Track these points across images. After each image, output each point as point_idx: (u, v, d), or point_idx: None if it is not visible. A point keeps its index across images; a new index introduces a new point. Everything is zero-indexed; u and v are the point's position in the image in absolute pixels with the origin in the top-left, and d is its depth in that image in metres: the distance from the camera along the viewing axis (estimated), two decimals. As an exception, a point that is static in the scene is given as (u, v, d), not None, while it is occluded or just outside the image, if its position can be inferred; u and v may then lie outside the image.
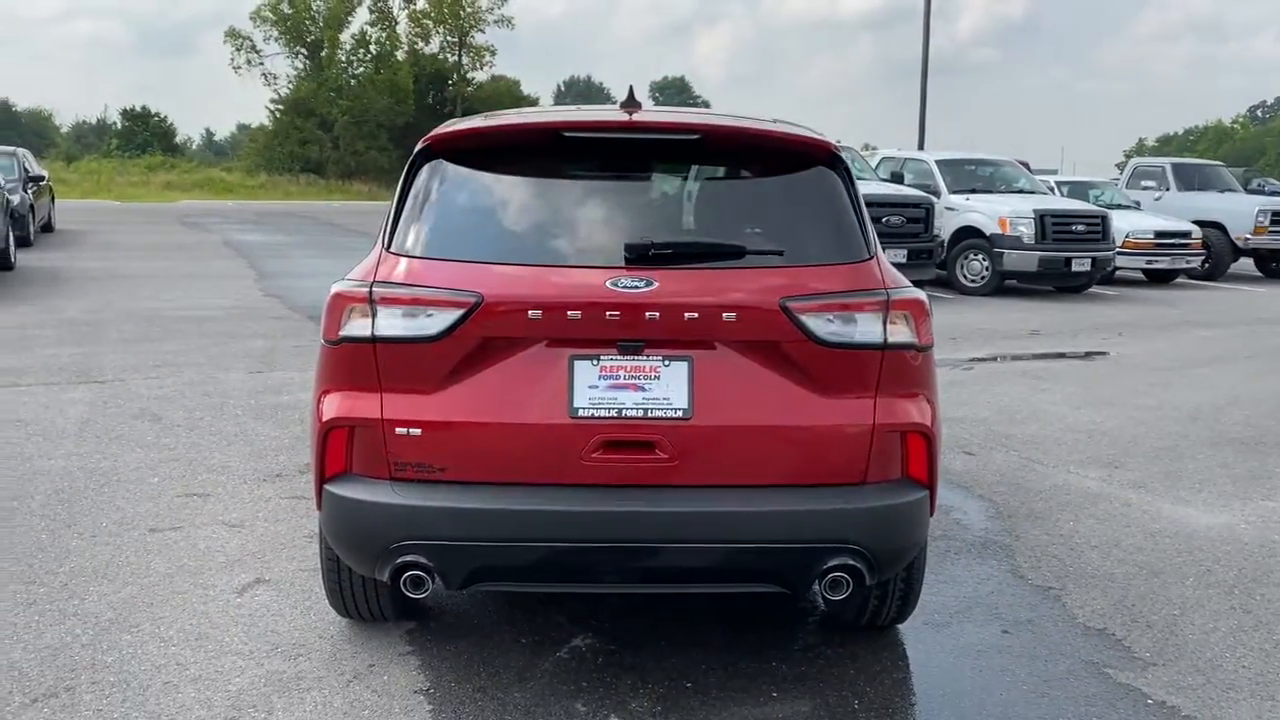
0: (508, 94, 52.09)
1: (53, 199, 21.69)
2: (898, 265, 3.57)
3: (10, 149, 19.44)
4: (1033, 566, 4.42)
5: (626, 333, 2.90)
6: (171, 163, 48.94)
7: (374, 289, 2.96)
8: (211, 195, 39.11)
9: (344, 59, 48.37)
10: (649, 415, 2.92)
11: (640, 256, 2.94)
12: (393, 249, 3.07)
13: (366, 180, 44.22)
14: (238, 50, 48.53)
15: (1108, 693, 3.37)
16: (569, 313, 2.88)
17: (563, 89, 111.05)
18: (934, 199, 14.57)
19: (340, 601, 3.54)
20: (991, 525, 4.94)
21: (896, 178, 15.99)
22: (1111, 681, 3.44)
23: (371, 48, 49.67)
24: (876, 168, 17.07)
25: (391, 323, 2.93)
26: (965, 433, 6.67)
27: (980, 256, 15.04)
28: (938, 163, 16.38)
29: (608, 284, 2.89)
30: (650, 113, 3.42)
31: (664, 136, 3.25)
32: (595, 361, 2.92)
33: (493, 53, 51.28)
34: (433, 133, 3.29)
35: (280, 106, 48.37)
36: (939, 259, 14.66)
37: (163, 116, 60.87)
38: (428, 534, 2.91)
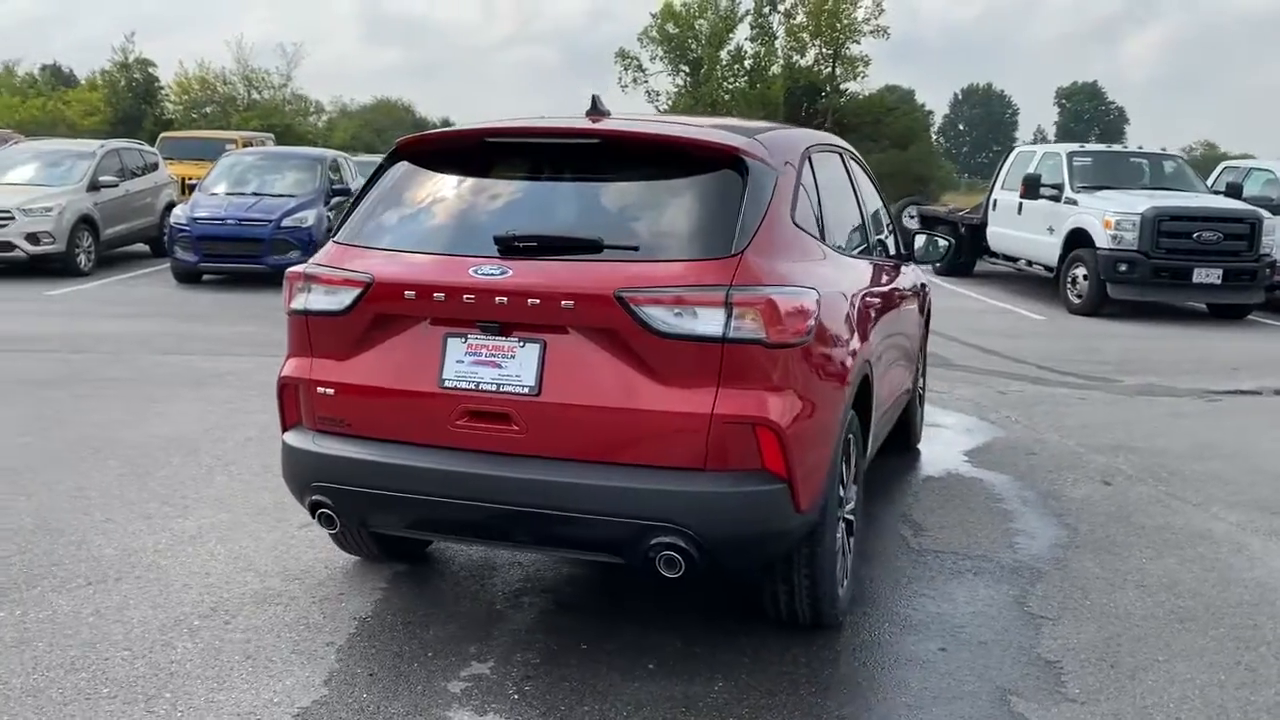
0: (879, 104, 51.62)
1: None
2: (1208, 286, 3.27)
3: (319, 154, 15.69)
4: (1044, 596, 4.17)
5: (482, 314, 3.25)
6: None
7: (308, 269, 3.53)
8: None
9: (720, 74, 50.24)
10: (501, 390, 3.25)
11: (507, 247, 3.28)
12: (335, 237, 3.62)
13: (731, 190, 45.75)
14: (625, 70, 51.92)
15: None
16: (435, 294, 3.28)
17: (959, 97, 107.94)
18: (1262, 214, 12.99)
19: (339, 540, 4.15)
20: (1045, 552, 4.67)
21: (1233, 189, 14.42)
22: (1010, 712, 3.29)
23: (746, 63, 51.19)
24: (1216, 178, 15.47)
25: (317, 298, 3.48)
26: (1125, 462, 6.18)
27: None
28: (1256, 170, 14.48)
29: (469, 271, 3.26)
30: (573, 119, 3.74)
31: (568, 141, 3.56)
32: (464, 339, 3.30)
33: (866, 63, 50.97)
34: (402, 138, 3.81)
35: (659, 121, 51.23)
36: (1268, 281, 13.05)
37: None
38: (328, 478, 3.44)
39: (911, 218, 19.69)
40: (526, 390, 3.23)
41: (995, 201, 15.81)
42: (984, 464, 6.14)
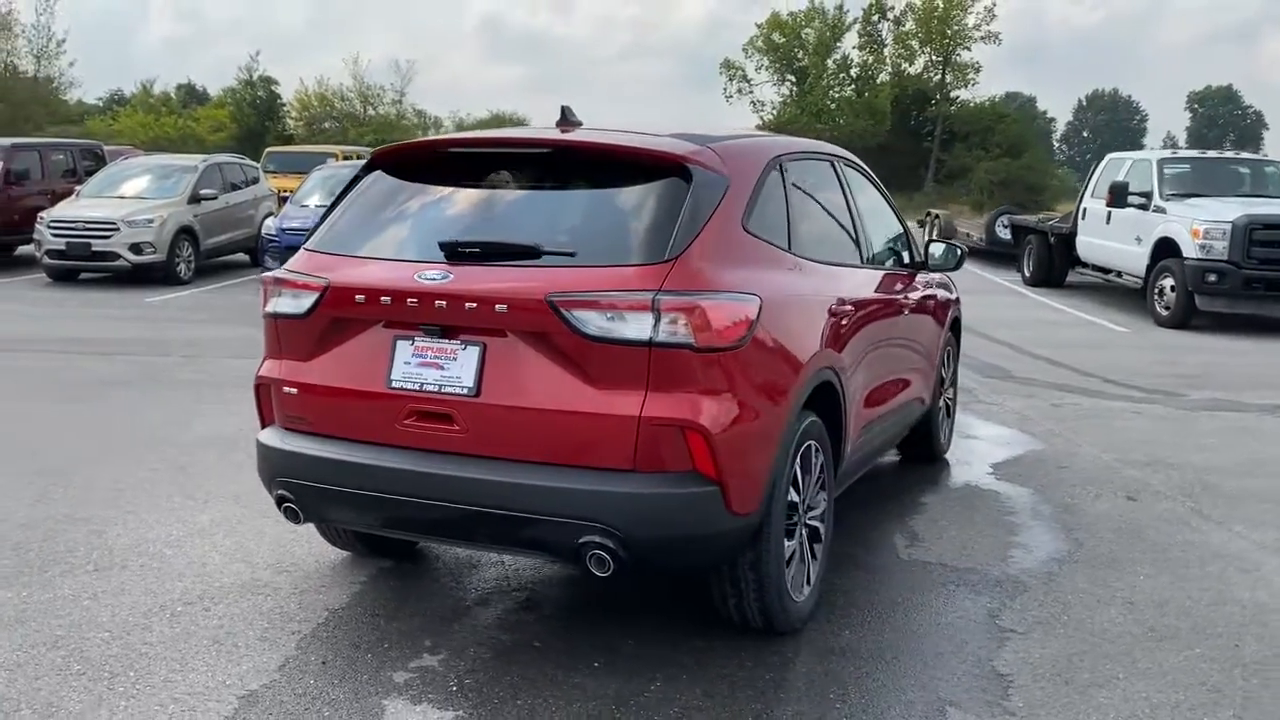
0: (990, 112, 50.53)
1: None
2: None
3: None
4: (1020, 610, 4.10)
5: (425, 318, 3.38)
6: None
7: (277, 274, 3.72)
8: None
9: (826, 83, 49.92)
10: (443, 391, 3.37)
11: (452, 253, 3.41)
12: (306, 244, 3.80)
13: (836, 200, 45.34)
14: (730, 80, 52.05)
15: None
16: (382, 298, 3.43)
17: (1084, 103, 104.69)
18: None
19: (326, 534, 4.34)
20: (1037, 566, 4.57)
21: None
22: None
23: (852, 71, 50.75)
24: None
25: (284, 302, 3.67)
26: (1160, 478, 5.99)
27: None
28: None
29: (414, 276, 3.40)
30: (543, 130, 3.85)
31: (522, 151, 3.67)
32: (411, 342, 3.44)
33: (976, 70, 50.09)
34: (378, 148, 3.98)
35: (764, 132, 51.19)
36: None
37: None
38: (291, 474, 3.61)
39: (1005, 227, 19.27)
40: (466, 391, 3.34)
41: (1085, 210, 15.36)
42: (1007, 476, 6.02)
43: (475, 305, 3.30)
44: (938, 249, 5.68)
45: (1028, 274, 17.04)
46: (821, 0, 50.79)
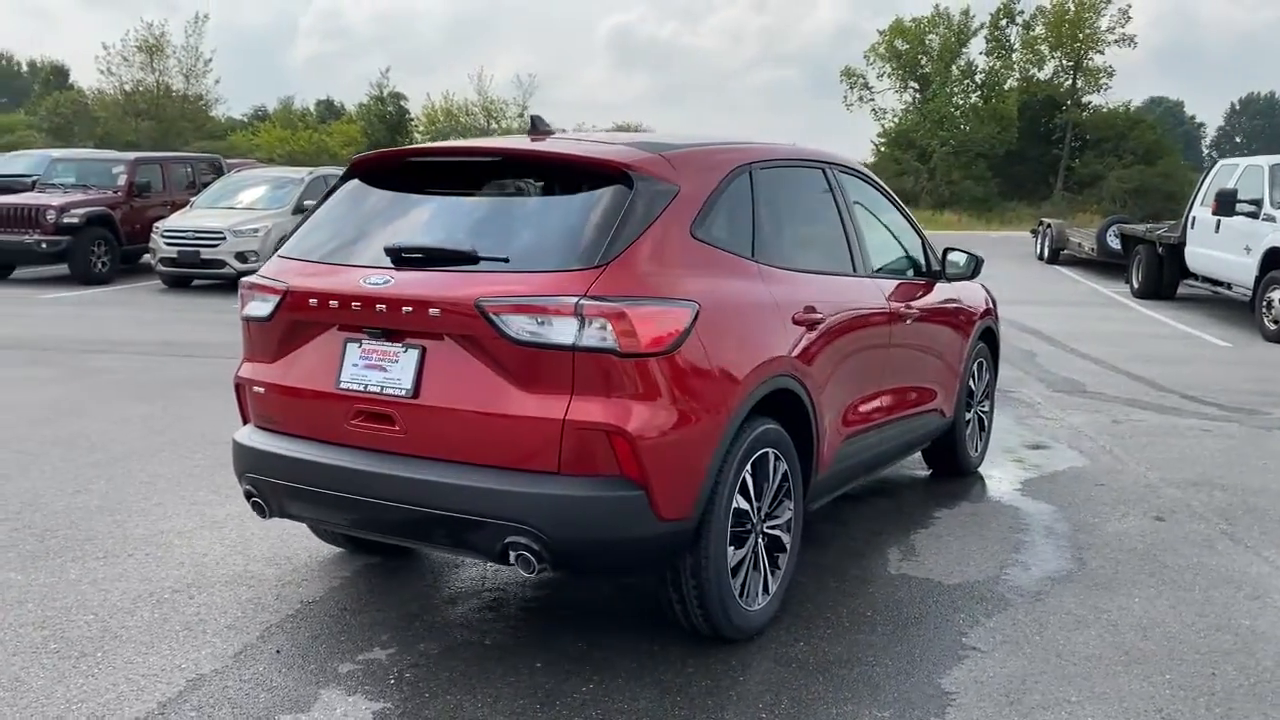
0: (1124, 118, 48.54)
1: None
2: None
3: None
4: (992, 629, 3.99)
5: (369, 321, 3.50)
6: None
7: (250, 280, 3.90)
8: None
9: (949, 90, 48.79)
10: (384, 392, 3.48)
11: (397, 258, 3.52)
12: (279, 250, 3.98)
13: (958, 210, 44.17)
14: (851, 88, 51.31)
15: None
16: (331, 302, 3.57)
17: (1236, 108, 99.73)
18: None
19: (316, 531, 4.51)
20: (1029, 585, 4.43)
21: None
22: None
23: (976, 77, 49.46)
24: None
25: (254, 306, 3.85)
26: (1201, 498, 5.72)
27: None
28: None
29: (360, 280, 3.52)
30: (513, 139, 3.93)
31: (474, 160, 3.77)
32: (359, 344, 3.56)
33: (1110, 74, 48.12)
34: (355, 156, 4.13)
35: (883, 140, 50.25)
36: None
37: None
38: (255, 470, 3.79)
39: (1115, 237, 18.56)
40: (404, 393, 3.45)
41: (1194, 219, 14.67)
42: (1035, 493, 5.83)
43: (411, 309, 3.41)
44: (958, 258, 5.56)
45: (1136, 286, 16.36)
46: (946, 5, 49.75)
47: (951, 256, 5.55)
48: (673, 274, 3.49)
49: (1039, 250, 22.98)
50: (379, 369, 3.51)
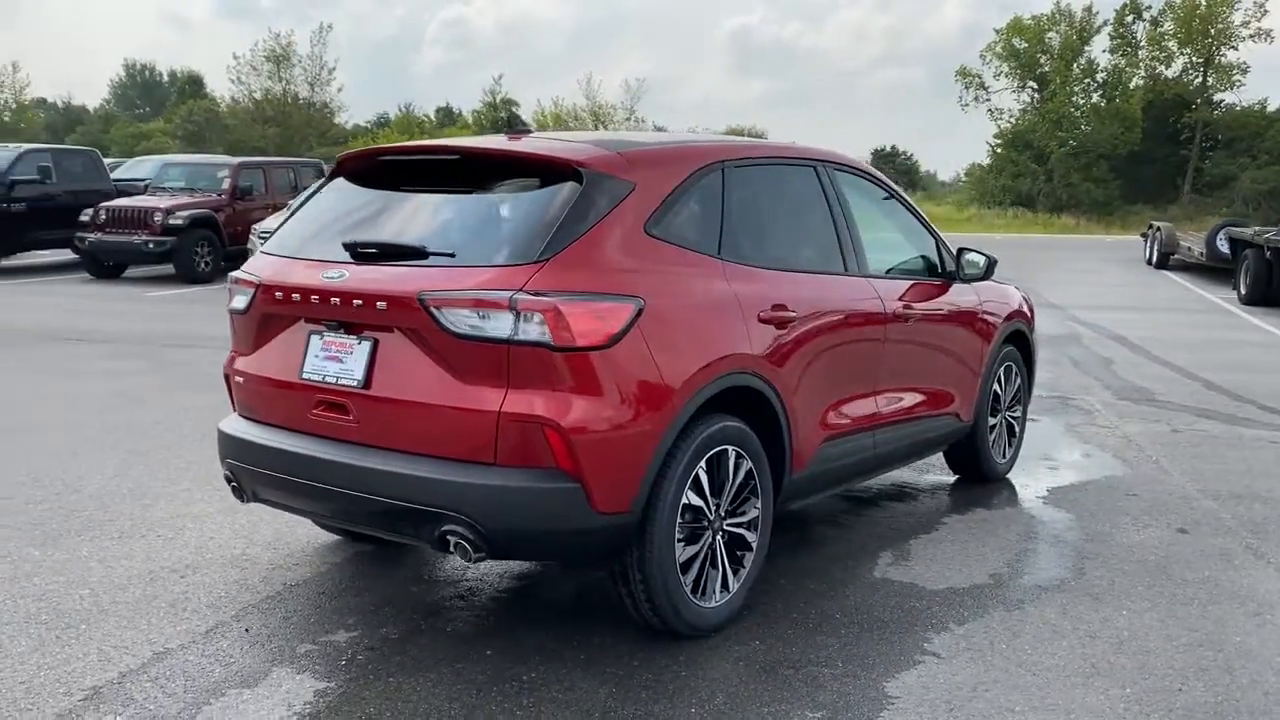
0: (1258, 117, 46.19)
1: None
2: None
3: None
4: (961, 636, 3.90)
5: (325, 314, 3.63)
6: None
7: (234, 274, 4.08)
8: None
9: (1069, 89, 47.26)
10: (339, 382, 3.61)
11: (354, 253, 3.64)
12: (263, 246, 4.14)
13: (1075, 213, 42.77)
14: (966, 88, 50.15)
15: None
16: (293, 295, 3.71)
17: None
18: None
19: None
20: (1014, 594, 4.31)
21: None
22: None
23: (1098, 76, 47.78)
24: None
25: (236, 299, 4.02)
26: (1237, 512, 5.47)
27: None
28: None
29: (320, 275, 3.65)
30: (491, 139, 4.02)
31: (433, 158, 3.87)
32: (321, 336, 3.70)
33: (1244, 71, 45.89)
34: (342, 153, 4.28)
35: (999, 141, 48.95)
36: None
37: (908, 155, 65.33)
38: (232, 456, 3.96)
39: (1224, 241, 17.75)
40: (356, 384, 3.57)
41: (1303, 221, 13.92)
42: (1059, 501, 5.65)
43: (362, 303, 3.52)
44: (975, 259, 5.43)
45: (1243, 292, 15.62)
46: (1068, 3, 48.19)
47: (969, 257, 5.42)
48: (619, 270, 3.52)
49: (1148, 255, 22.13)
50: (336, 360, 3.64)
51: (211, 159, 20.86)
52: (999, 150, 48.86)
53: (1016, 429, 6.18)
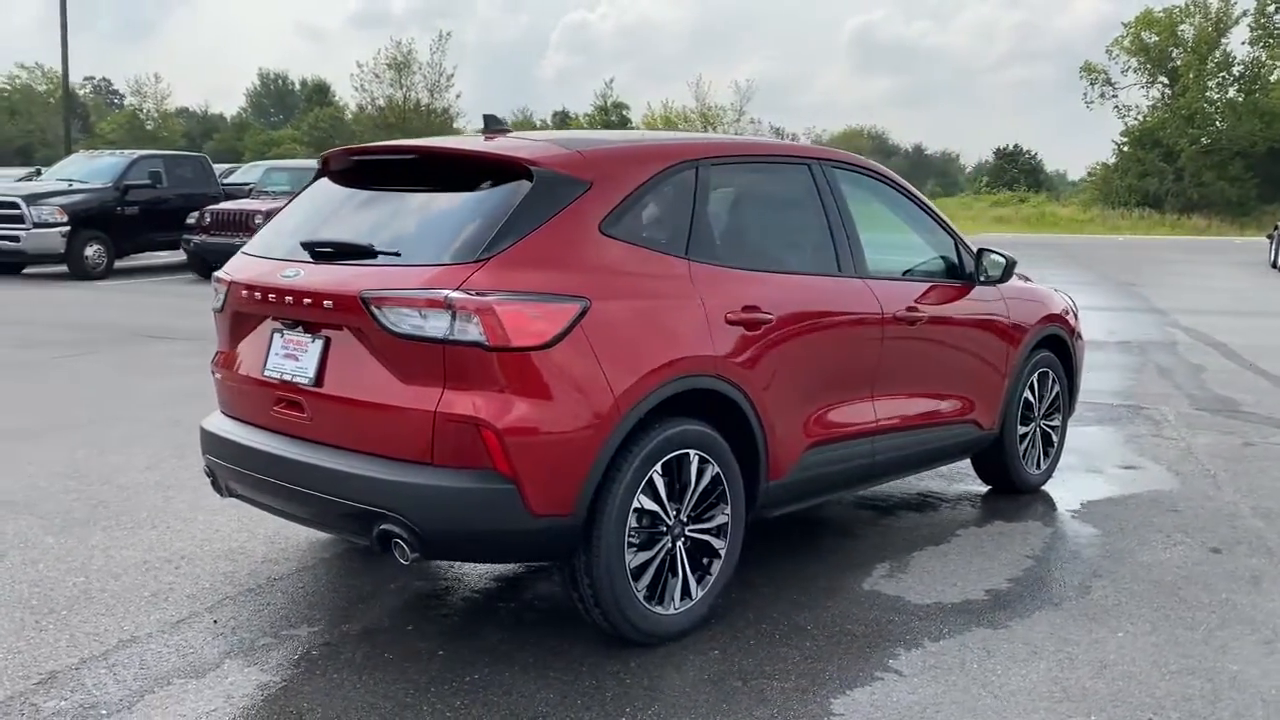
0: None
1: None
2: None
3: None
4: (932, 654, 3.72)
5: (282, 313, 3.68)
6: (1021, 197, 50.99)
7: (215, 274, 4.17)
8: (1027, 229, 40.00)
9: (1204, 84, 45.08)
10: (294, 380, 3.65)
11: (312, 253, 3.69)
12: (244, 246, 4.23)
13: (1207, 214, 40.79)
14: (1092, 84, 48.32)
15: None
16: (254, 294, 3.77)
17: None
18: None
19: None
20: (1003, 613, 4.10)
21: None
22: None
23: (1235, 69, 45.42)
24: None
25: (215, 298, 4.12)
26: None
27: None
28: None
29: (278, 274, 3.71)
30: (467, 140, 4.03)
31: (397, 158, 3.88)
32: (282, 335, 3.75)
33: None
34: (325, 152, 4.33)
35: (1126, 139, 47.01)
36: None
37: (1032, 154, 63.37)
38: (209, 451, 4.05)
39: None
40: (308, 381, 3.61)
41: None
42: (1089, 515, 5.38)
43: (311, 301, 3.56)
44: (995, 260, 5.21)
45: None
46: (1204, -7, 45.99)
47: (990, 259, 5.20)
48: (566, 270, 3.48)
49: (1272, 257, 20.94)
50: (293, 358, 3.69)
51: (313, 163, 21.51)
52: (1125, 149, 46.95)
53: (1054, 439, 5.89)
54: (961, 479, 5.97)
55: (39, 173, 20.13)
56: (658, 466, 3.63)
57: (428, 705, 3.32)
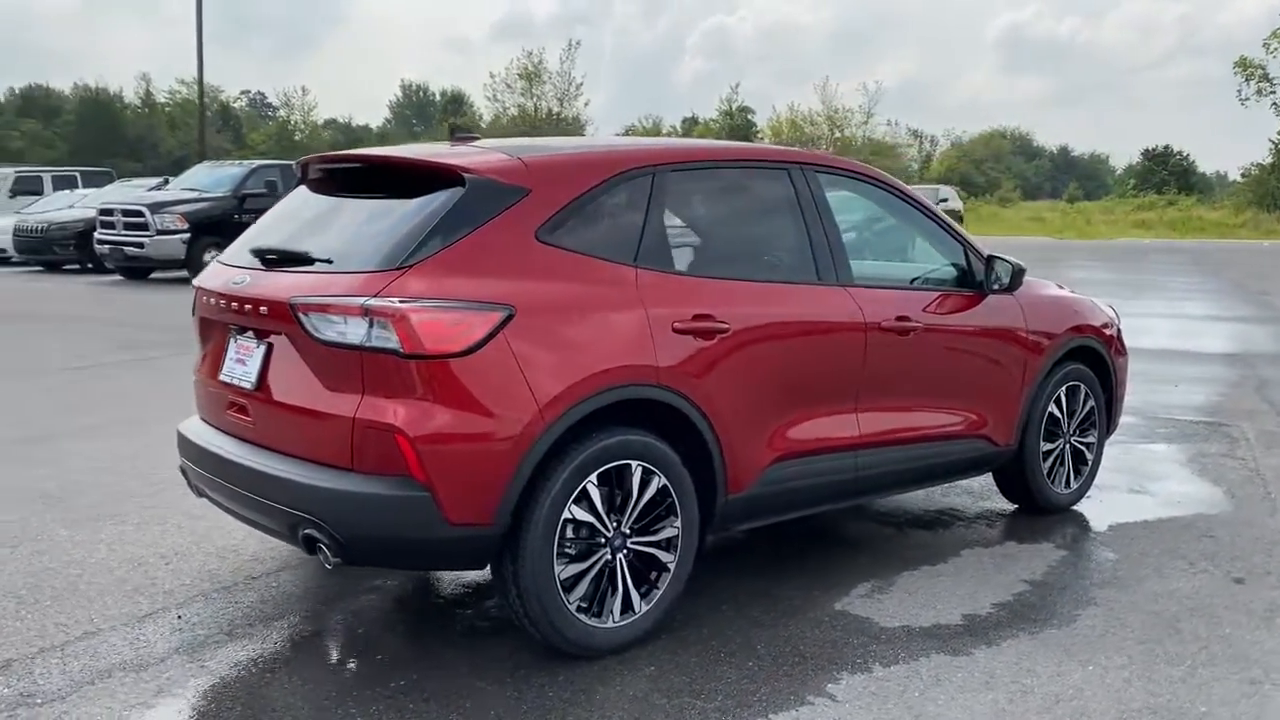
0: None
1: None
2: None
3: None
4: (877, 679, 3.56)
5: (233, 318, 3.77)
6: (1170, 199, 48.66)
7: (194, 281, 4.31)
8: (1170, 233, 38.04)
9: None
10: (239, 383, 3.74)
11: (261, 260, 3.77)
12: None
13: (1372, 218, 38.07)
14: (1247, 81, 45.65)
15: None
16: (209, 300, 3.88)
17: None
18: None
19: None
20: (974, 639, 3.88)
21: None
22: None
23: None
24: None
25: (192, 305, 4.25)
26: (1322, 561, 4.71)
27: None
28: None
29: (229, 280, 3.80)
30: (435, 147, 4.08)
31: (341, 166, 3.95)
32: (235, 340, 3.84)
33: None
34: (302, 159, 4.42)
35: (1282, 139, 44.32)
36: None
37: (1184, 155, 60.37)
38: (182, 453, 4.18)
39: None
40: (250, 385, 3.69)
41: None
42: (1113, 538, 5.06)
43: (251, 308, 3.64)
44: (1003, 267, 4.96)
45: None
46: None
47: (999, 266, 4.95)
48: (492, 276, 3.46)
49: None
50: (241, 363, 3.78)
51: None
52: (1281, 149, 44.24)
53: (1087, 456, 5.56)
54: (989, 496, 5.70)
55: (166, 182, 21.23)
56: (593, 477, 3.57)
57: (343, 710, 3.34)
